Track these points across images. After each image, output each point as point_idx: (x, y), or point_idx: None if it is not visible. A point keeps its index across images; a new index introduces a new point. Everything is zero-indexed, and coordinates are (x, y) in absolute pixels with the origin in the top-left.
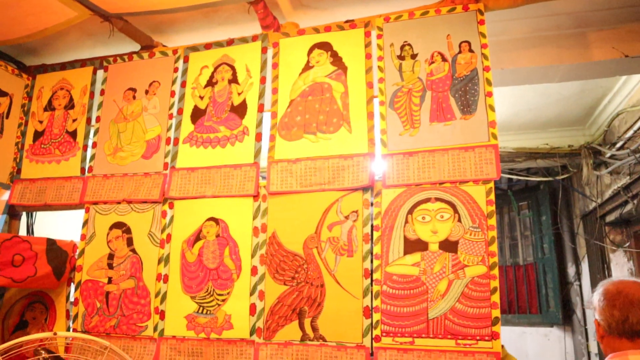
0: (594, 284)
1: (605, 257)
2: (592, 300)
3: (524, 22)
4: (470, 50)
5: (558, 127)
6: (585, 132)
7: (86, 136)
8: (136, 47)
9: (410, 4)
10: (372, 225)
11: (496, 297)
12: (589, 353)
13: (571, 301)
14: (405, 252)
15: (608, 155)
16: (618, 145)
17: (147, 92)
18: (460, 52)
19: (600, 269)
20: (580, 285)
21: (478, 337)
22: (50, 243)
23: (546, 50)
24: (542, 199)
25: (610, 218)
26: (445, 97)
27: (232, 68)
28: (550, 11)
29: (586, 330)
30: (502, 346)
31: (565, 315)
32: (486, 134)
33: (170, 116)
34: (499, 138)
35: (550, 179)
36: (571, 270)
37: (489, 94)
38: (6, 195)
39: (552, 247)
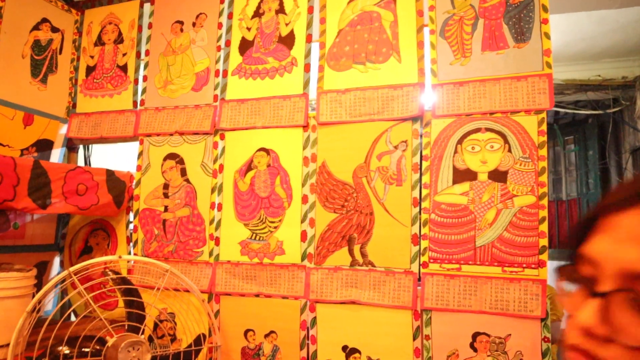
0: None
1: None
2: None
3: None
4: None
5: (612, 58)
6: None
7: (136, 70)
8: None
9: None
10: (421, 155)
11: (544, 227)
12: None
13: None
14: (454, 182)
15: None
16: None
17: (194, 24)
18: None
19: None
20: None
21: (524, 265)
22: (110, 174)
23: None
24: (589, 134)
25: None
26: (498, 24)
27: None
28: None
29: None
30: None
31: None
32: (540, 63)
33: (219, 48)
34: None
35: (600, 112)
36: None
37: (545, 21)
38: (64, 128)
39: (597, 183)
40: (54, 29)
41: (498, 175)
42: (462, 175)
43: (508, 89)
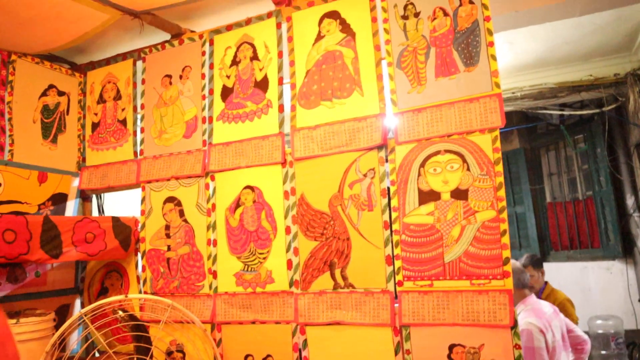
0: None
1: None
2: None
3: None
4: (471, 2)
5: (601, 57)
6: (632, 58)
7: (134, 123)
8: (168, 36)
9: None
10: (388, 181)
11: (506, 239)
12: None
13: (632, 233)
14: (420, 203)
15: None
16: None
17: (181, 77)
18: (461, 4)
19: None
20: None
21: (491, 277)
22: (115, 220)
23: None
24: (595, 131)
25: None
26: (448, 51)
27: (252, 46)
28: None
29: None
30: (546, 282)
31: (626, 247)
32: (489, 84)
33: (203, 97)
34: (537, 73)
35: (595, 111)
36: (630, 201)
37: (491, 44)
38: (76, 181)
39: (608, 180)
40: (60, 93)
41: (460, 194)
42: (427, 196)
43: (462, 111)
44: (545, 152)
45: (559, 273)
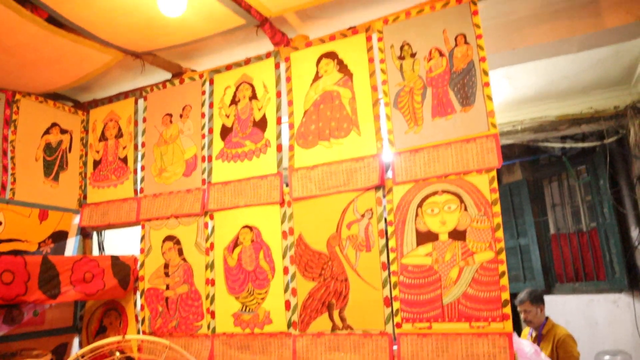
0: None
1: None
2: None
3: None
4: (466, 43)
5: (601, 90)
6: (632, 91)
7: (135, 161)
8: (169, 75)
9: (408, 2)
10: (385, 221)
11: (505, 281)
12: None
13: (637, 265)
14: (418, 244)
15: None
16: None
17: (181, 115)
18: (456, 45)
19: None
20: None
21: (490, 319)
22: (114, 259)
23: (558, 24)
24: (598, 163)
25: None
26: (445, 92)
27: (251, 85)
28: None
29: None
30: (547, 317)
31: (631, 280)
32: (486, 124)
33: (203, 136)
34: (537, 107)
35: (596, 143)
36: (634, 233)
37: (487, 84)
38: (77, 219)
39: (611, 211)
40: (63, 131)
41: (457, 235)
42: (425, 237)
43: (459, 151)
44: (548, 183)
45: (565, 306)
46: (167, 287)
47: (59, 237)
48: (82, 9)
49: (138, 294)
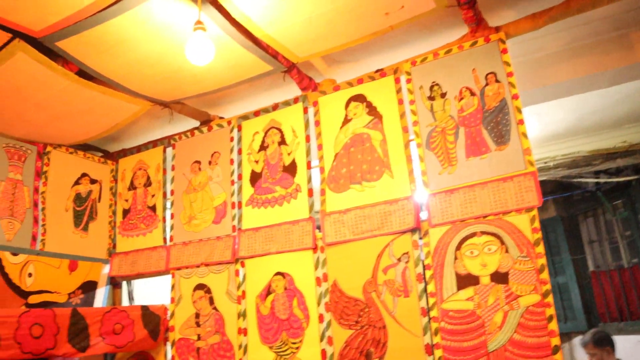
0: None
1: None
2: None
3: (559, 35)
4: (497, 81)
5: (633, 123)
6: None
7: (164, 209)
8: (197, 122)
9: (435, 43)
10: (423, 265)
11: (553, 325)
12: None
13: None
14: (459, 288)
15: None
16: None
17: (210, 162)
18: (487, 84)
19: None
20: None
21: None
22: (144, 309)
23: (587, 59)
24: (635, 197)
25: None
26: (478, 131)
27: (280, 131)
28: (586, 19)
29: None
30: None
31: None
32: (522, 162)
33: (232, 182)
34: (568, 143)
35: (632, 177)
36: None
37: (521, 122)
38: (106, 268)
39: None
40: (93, 181)
41: (499, 277)
42: (465, 280)
43: (496, 191)
44: (584, 219)
45: None
46: (199, 338)
47: (89, 288)
48: (110, 62)
49: (169, 344)
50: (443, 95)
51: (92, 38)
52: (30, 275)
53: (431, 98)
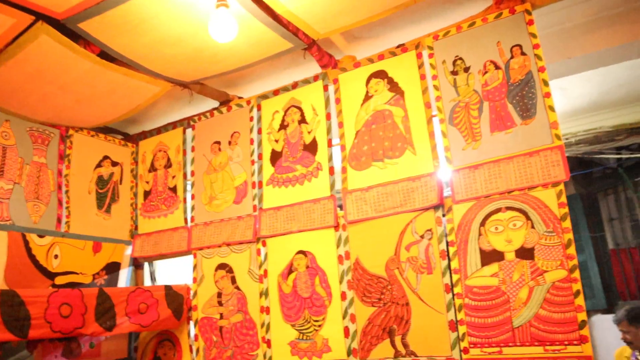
0: None
1: None
2: None
3: (588, 5)
4: (523, 53)
5: None
6: None
7: (185, 190)
8: (216, 103)
9: (458, 16)
10: (447, 241)
11: (580, 300)
12: None
13: None
14: (483, 264)
15: None
16: None
17: (230, 142)
18: (512, 57)
19: None
20: None
21: (566, 342)
22: (168, 289)
23: (617, 29)
24: None
25: None
26: (503, 105)
27: (300, 109)
28: None
29: None
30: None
31: None
32: (549, 136)
33: (253, 162)
34: (591, 118)
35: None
36: None
37: (547, 95)
38: (129, 250)
39: None
40: (114, 163)
41: (525, 253)
42: (490, 256)
43: (522, 165)
44: (604, 196)
45: None
46: (221, 316)
47: (112, 269)
48: (132, 42)
49: (192, 323)
50: (466, 69)
51: (114, 18)
52: (56, 257)
53: (454, 72)
